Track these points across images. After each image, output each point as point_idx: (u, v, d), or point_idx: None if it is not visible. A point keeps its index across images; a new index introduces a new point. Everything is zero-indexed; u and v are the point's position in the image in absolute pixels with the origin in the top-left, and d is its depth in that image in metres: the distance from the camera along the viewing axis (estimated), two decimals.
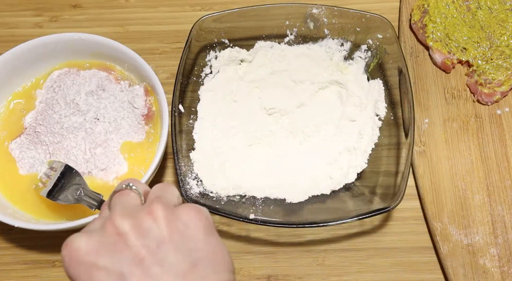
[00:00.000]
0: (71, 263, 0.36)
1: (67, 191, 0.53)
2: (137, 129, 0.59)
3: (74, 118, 0.59)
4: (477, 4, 0.67)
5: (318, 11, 0.63)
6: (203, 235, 0.36)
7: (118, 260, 0.34)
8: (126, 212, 0.36)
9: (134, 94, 0.60)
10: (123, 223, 0.35)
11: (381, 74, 0.62)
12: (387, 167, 0.58)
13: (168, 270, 0.33)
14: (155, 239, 0.34)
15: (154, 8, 0.72)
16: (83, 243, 0.36)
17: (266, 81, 0.64)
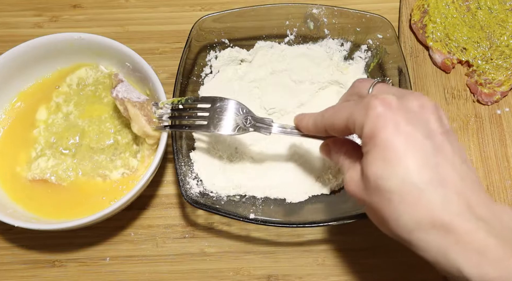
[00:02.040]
0: (385, 109, 0.40)
1: (230, 120, 0.53)
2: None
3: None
4: (477, 4, 0.67)
5: (318, 11, 0.63)
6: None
7: (423, 126, 0.39)
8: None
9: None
10: (425, 100, 0.41)
11: (381, 74, 0.62)
12: None
13: (452, 148, 0.40)
14: (445, 126, 0.41)
15: (154, 8, 0.72)
16: (394, 100, 0.40)
17: (266, 81, 0.64)
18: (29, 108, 0.61)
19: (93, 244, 0.59)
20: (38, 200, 0.57)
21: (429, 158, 0.38)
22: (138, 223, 0.60)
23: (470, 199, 0.37)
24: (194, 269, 0.58)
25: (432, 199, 0.37)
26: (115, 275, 0.58)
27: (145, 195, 0.61)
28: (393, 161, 0.38)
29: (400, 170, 0.38)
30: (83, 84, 0.62)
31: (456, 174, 0.38)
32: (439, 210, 0.37)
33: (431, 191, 0.37)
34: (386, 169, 0.38)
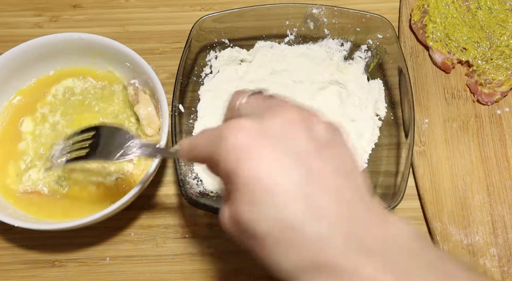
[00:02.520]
0: (242, 137, 0.33)
1: (115, 148, 0.48)
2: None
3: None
4: (477, 4, 0.67)
5: (318, 11, 0.63)
6: (346, 147, 0.36)
7: (292, 148, 0.33)
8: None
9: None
10: (291, 114, 0.35)
11: (381, 74, 0.62)
12: (387, 167, 0.58)
13: (329, 167, 0.33)
14: (319, 139, 0.34)
15: (154, 8, 0.72)
16: (253, 123, 0.34)
17: (266, 81, 0.64)
18: (13, 119, 0.60)
19: (93, 244, 0.59)
20: (36, 206, 0.57)
21: (302, 187, 0.32)
22: (138, 223, 0.60)
23: (355, 227, 0.32)
24: (194, 269, 0.58)
25: (310, 237, 0.31)
26: (115, 275, 0.58)
27: (145, 195, 0.61)
28: (260, 201, 0.32)
29: (270, 209, 0.31)
30: (70, 94, 0.61)
31: (335, 199, 0.32)
32: (320, 249, 0.31)
33: (307, 228, 0.31)
34: (254, 211, 0.32)
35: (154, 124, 0.57)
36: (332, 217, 0.31)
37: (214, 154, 0.34)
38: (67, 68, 0.62)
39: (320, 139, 0.34)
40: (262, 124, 0.33)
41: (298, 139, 0.33)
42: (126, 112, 0.60)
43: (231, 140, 0.33)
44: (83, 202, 0.57)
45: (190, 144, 0.38)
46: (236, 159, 0.32)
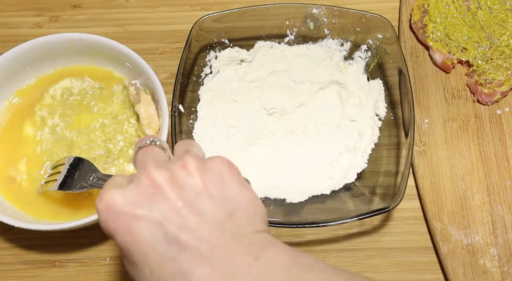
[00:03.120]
0: (109, 215, 0.35)
1: (81, 179, 0.54)
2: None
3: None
4: (477, 4, 0.67)
5: (318, 11, 0.63)
6: (238, 186, 0.36)
7: (156, 210, 0.34)
8: (159, 165, 0.36)
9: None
10: (159, 175, 0.35)
11: (381, 74, 0.62)
12: (387, 167, 0.58)
13: (205, 219, 0.34)
14: (191, 191, 0.35)
15: (154, 8, 0.72)
16: (119, 196, 0.35)
17: (266, 81, 0.64)
18: (13, 121, 0.60)
19: (93, 244, 0.59)
20: (38, 202, 0.57)
21: (169, 251, 0.34)
22: None
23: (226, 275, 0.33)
24: None
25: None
26: (115, 275, 0.58)
27: None
28: (137, 262, 0.35)
29: (145, 270, 0.34)
30: (68, 94, 0.61)
31: (206, 253, 0.33)
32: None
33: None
34: (134, 271, 0.35)
35: (154, 125, 0.57)
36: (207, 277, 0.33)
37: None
38: (67, 68, 0.62)
39: (189, 189, 0.35)
40: (132, 193, 0.35)
41: (164, 196, 0.35)
42: (126, 113, 0.60)
43: (103, 215, 0.35)
44: (87, 204, 0.57)
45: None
46: (109, 231, 0.35)
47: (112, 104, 0.61)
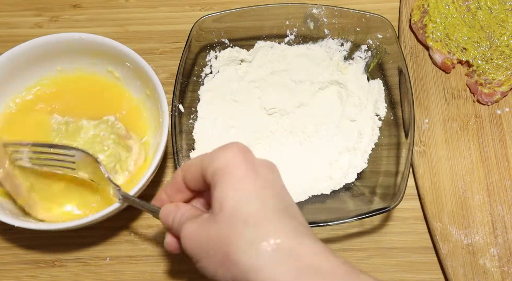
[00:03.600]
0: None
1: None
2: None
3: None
4: (477, 4, 0.67)
5: (318, 11, 0.63)
6: (282, 187, 0.41)
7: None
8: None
9: None
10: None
11: (381, 74, 0.62)
12: (387, 167, 0.58)
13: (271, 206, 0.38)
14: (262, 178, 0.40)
15: (154, 8, 0.72)
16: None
17: (266, 81, 0.64)
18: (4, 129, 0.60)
19: (93, 244, 0.59)
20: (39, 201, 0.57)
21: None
22: (138, 223, 0.60)
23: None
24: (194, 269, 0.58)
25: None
26: (115, 275, 0.58)
27: (145, 195, 0.60)
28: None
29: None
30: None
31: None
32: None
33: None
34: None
35: (140, 162, 0.57)
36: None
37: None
38: (67, 68, 0.62)
39: (262, 178, 0.39)
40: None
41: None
42: (94, 148, 0.58)
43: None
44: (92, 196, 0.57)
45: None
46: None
47: (77, 140, 0.58)
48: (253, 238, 0.36)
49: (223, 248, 0.37)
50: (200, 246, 0.39)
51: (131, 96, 0.62)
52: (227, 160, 0.39)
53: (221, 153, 0.40)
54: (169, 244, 0.44)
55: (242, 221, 0.36)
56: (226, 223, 0.37)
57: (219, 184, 0.38)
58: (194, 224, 0.40)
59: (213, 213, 0.39)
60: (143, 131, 0.61)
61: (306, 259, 0.35)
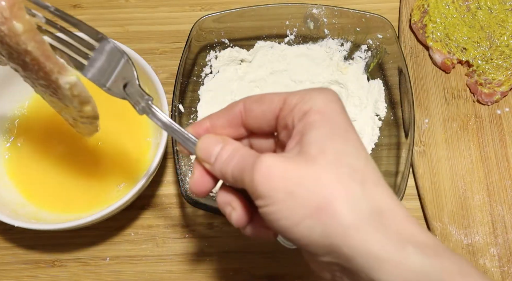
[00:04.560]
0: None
1: (113, 77, 0.42)
2: None
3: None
4: (477, 4, 0.67)
5: (318, 11, 0.63)
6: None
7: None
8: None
9: None
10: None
11: (381, 74, 0.62)
12: (387, 167, 0.58)
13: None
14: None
15: (154, 8, 0.72)
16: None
17: (266, 81, 0.64)
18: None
19: (93, 244, 0.59)
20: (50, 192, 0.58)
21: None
22: (138, 223, 0.60)
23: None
24: (194, 269, 0.58)
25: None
26: (115, 275, 0.58)
27: (145, 195, 0.61)
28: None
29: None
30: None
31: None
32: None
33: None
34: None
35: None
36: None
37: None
38: None
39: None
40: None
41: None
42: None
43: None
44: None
45: (218, 157, 0.37)
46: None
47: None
48: (359, 196, 0.31)
49: (321, 194, 0.31)
50: (284, 185, 0.32)
51: None
52: (324, 104, 0.34)
53: (317, 95, 0.35)
54: (197, 183, 0.38)
55: (348, 174, 0.32)
56: (328, 169, 0.32)
57: (318, 127, 0.33)
58: (278, 158, 0.33)
59: (304, 154, 0.33)
60: (143, 131, 0.61)
61: (411, 233, 0.32)
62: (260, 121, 0.37)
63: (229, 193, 0.37)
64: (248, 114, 0.37)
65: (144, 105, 0.41)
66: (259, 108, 0.37)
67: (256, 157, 0.34)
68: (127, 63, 0.42)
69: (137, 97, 0.41)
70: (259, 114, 0.37)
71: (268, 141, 0.39)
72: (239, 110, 0.38)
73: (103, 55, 0.42)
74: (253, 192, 0.33)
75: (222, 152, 0.36)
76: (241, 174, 0.34)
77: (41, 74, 0.40)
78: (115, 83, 0.41)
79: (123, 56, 0.42)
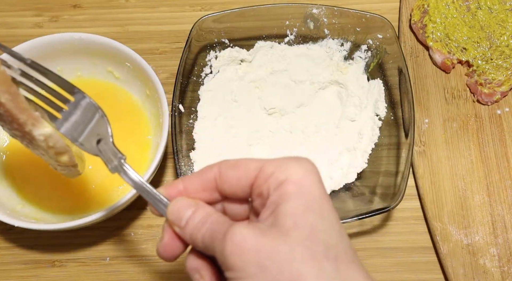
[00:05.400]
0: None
1: (91, 135, 0.41)
2: None
3: None
4: (477, 4, 0.67)
5: (318, 11, 0.63)
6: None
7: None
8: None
9: None
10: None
11: (381, 74, 0.62)
12: (387, 167, 0.58)
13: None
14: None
15: (154, 8, 0.72)
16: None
17: (266, 81, 0.64)
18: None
19: (93, 244, 0.59)
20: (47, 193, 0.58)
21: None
22: (138, 223, 0.60)
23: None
24: None
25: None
26: (115, 275, 0.58)
27: None
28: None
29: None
30: None
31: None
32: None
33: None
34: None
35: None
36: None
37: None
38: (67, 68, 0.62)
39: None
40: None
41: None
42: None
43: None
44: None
45: (186, 220, 0.36)
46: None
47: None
48: (331, 274, 0.31)
49: (294, 271, 0.31)
50: (257, 259, 0.31)
51: (131, 96, 0.62)
52: (301, 175, 0.34)
53: (294, 164, 0.34)
54: (166, 247, 0.37)
55: (322, 251, 0.32)
56: (301, 244, 0.32)
57: (293, 199, 0.33)
58: (251, 229, 0.32)
59: (277, 226, 0.33)
60: (143, 131, 0.61)
61: None
62: (234, 187, 0.36)
63: (199, 259, 0.36)
64: (223, 180, 0.36)
65: (117, 163, 0.40)
66: (234, 174, 0.36)
67: (228, 225, 0.33)
68: (102, 119, 0.41)
69: (110, 154, 0.40)
70: (234, 181, 0.36)
71: (242, 206, 0.38)
72: (214, 175, 0.37)
73: (77, 109, 0.41)
74: (223, 262, 0.32)
75: (194, 216, 0.35)
76: (211, 242, 0.33)
77: (15, 126, 0.40)
78: (88, 138, 0.41)
79: (98, 111, 0.41)
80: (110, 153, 0.40)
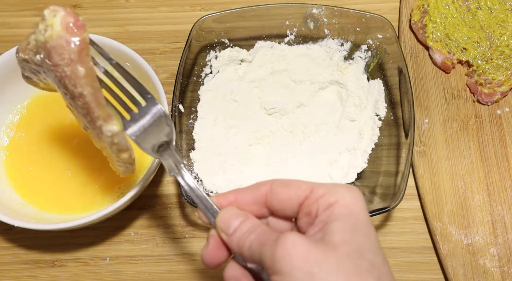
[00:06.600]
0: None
1: (151, 136, 0.43)
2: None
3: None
4: (477, 4, 0.67)
5: (318, 11, 0.63)
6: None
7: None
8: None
9: None
10: None
11: (381, 74, 0.62)
12: (387, 167, 0.58)
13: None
14: None
15: (154, 8, 0.72)
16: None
17: (266, 81, 0.64)
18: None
19: (93, 244, 0.59)
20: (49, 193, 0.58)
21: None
22: (138, 223, 0.60)
23: None
24: (194, 269, 0.58)
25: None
26: (115, 275, 0.58)
27: (145, 195, 0.61)
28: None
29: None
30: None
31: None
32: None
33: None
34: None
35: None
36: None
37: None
38: None
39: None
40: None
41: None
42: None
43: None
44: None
45: (236, 230, 0.38)
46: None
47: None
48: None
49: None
50: (306, 266, 0.33)
51: None
52: (351, 200, 0.36)
53: (345, 190, 0.37)
54: (210, 253, 0.38)
55: (367, 268, 0.33)
56: (349, 258, 0.33)
57: (342, 219, 0.35)
58: (302, 238, 0.34)
59: (326, 241, 0.34)
60: None
61: None
62: (284, 205, 0.38)
63: (239, 268, 0.38)
64: (273, 196, 0.38)
65: (176, 168, 0.42)
66: (285, 192, 0.38)
67: (278, 234, 0.35)
68: (168, 127, 0.43)
69: (169, 159, 0.42)
70: (284, 198, 0.38)
71: (286, 223, 0.40)
72: (266, 191, 0.39)
73: (147, 114, 0.43)
74: (271, 267, 0.34)
75: (242, 225, 0.37)
76: (260, 248, 0.35)
77: (88, 119, 0.42)
78: (151, 142, 0.43)
79: (166, 120, 0.43)
80: (171, 158, 0.42)
